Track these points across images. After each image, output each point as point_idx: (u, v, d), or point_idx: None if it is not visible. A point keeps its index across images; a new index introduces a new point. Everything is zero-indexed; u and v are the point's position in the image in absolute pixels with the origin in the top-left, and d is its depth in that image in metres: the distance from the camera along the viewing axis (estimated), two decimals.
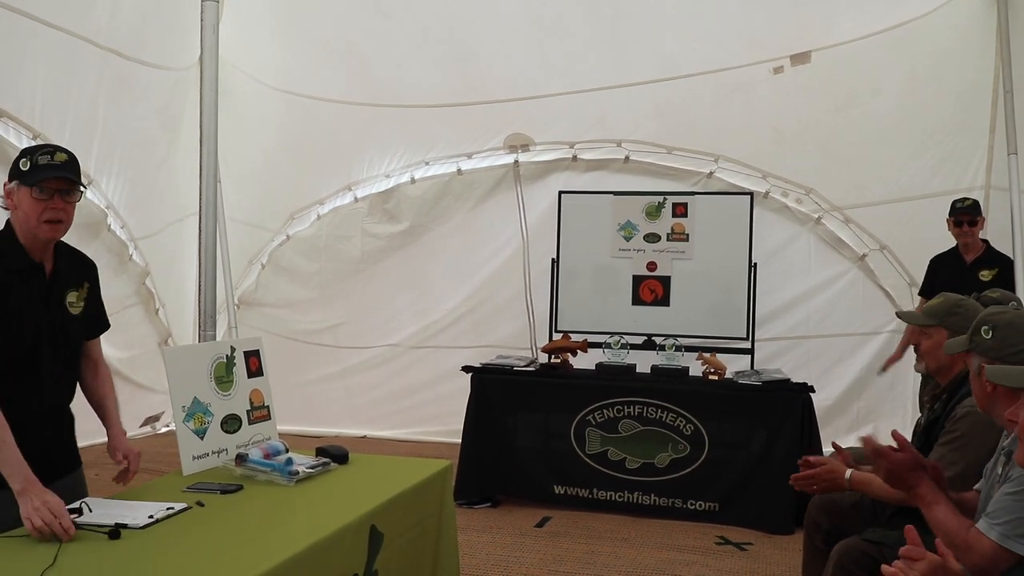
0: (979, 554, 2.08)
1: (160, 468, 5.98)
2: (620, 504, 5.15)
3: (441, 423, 6.82)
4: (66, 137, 5.85)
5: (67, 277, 2.66)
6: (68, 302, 2.62)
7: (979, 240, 4.97)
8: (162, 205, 6.95)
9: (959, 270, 4.91)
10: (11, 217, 2.49)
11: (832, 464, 2.80)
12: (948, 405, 2.77)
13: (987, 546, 2.07)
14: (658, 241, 5.67)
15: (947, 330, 2.81)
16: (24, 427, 2.34)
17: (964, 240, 4.95)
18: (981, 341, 2.30)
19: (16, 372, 2.44)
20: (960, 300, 2.86)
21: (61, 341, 2.59)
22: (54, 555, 2.01)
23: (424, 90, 6.53)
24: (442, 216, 7.02)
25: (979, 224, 4.94)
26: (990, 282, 4.61)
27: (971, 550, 2.09)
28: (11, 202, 2.46)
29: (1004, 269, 4.83)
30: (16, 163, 2.44)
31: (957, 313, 2.79)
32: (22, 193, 2.43)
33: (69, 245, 2.75)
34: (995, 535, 2.07)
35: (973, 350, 2.34)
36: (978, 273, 4.80)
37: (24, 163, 2.43)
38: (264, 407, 3.22)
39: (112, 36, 5.76)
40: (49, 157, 2.43)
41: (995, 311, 2.34)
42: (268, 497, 2.65)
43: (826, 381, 6.11)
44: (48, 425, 2.63)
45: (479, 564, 4.26)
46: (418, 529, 2.91)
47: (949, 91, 5.83)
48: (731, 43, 5.95)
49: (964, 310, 2.78)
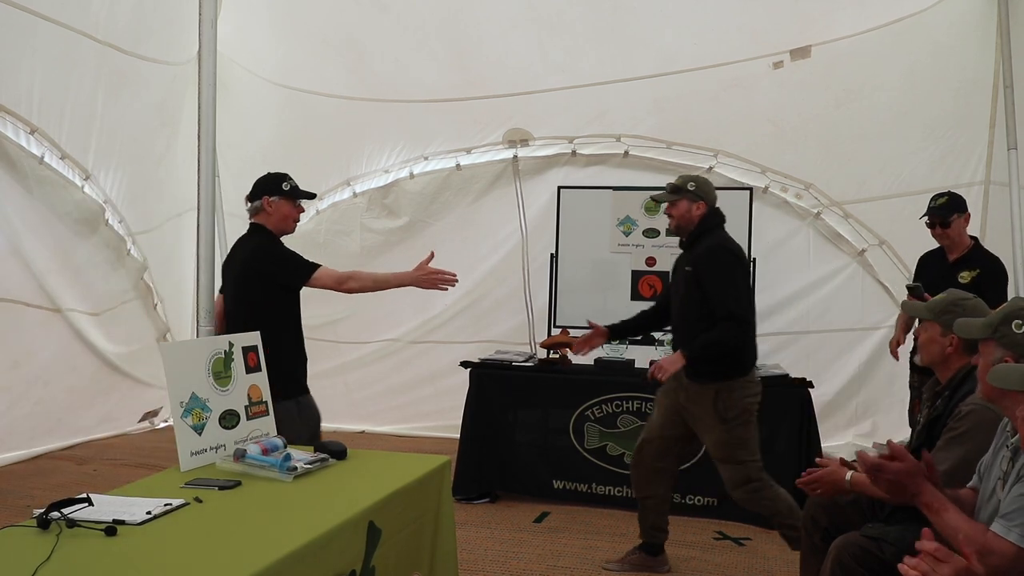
0: (999, 557, 2.04)
1: (158, 464, 5.98)
2: (619, 499, 5.15)
3: (440, 418, 6.82)
4: (64, 132, 5.85)
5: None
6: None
7: (965, 238, 4.62)
8: (160, 200, 6.94)
9: (941, 270, 4.60)
10: (263, 220, 3.73)
11: (834, 467, 2.80)
12: (951, 402, 2.77)
13: (1007, 549, 2.04)
14: (657, 236, 5.66)
15: (940, 326, 2.82)
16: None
17: (940, 242, 4.66)
18: (1010, 334, 2.25)
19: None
20: (961, 298, 2.86)
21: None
22: (49, 551, 2.00)
23: (423, 85, 6.52)
24: (441, 211, 7.00)
25: (954, 225, 4.56)
26: (967, 284, 4.29)
27: (991, 553, 2.04)
28: (270, 209, 3.71)
29: (985, 271, 4.49)
30: (279, 184, 3.74)
31: (952, 311, 2.79)
32: (282, 204, 3.72)
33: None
34: (1015, 537, 2.03)
35: (998, 341, 2.28)
36: (958, 274, 4.47)
37: (286, 185, 3.74)
38: (262, 403, 3.21)
39: (110, 30, 5.75)
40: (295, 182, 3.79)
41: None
42: (266, 493, 2.64)
43: (825, 376, 6.10)
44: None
45: (477, 559, 4.27)
46: (416, 525, 2.90)
47: (949, 86, 5.82)
48: (731, 38, 5.94)
49: (962, 309, 2.78)
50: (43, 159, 5.78)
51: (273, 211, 3.71)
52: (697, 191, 3.93)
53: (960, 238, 4.60)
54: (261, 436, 3.09)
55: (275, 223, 3.73)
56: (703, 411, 3.84)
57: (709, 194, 3.97)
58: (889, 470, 2.27)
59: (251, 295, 3.66)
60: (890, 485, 2.29)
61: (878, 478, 2.32)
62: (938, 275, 4.48)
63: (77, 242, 6.28)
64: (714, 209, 3.98)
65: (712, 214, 3.96)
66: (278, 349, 3.45)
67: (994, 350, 2.29)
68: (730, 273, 3.80)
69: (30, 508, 2.37)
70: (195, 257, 4.15)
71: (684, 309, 3.92)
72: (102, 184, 6.30)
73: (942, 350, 2.83)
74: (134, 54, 6.01)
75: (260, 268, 3.65)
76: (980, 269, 4.46)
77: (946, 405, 2.79)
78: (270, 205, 3.71)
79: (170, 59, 6.35)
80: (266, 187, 3.74)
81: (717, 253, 3.82)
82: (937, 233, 4.62)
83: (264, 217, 3.73)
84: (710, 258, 3.81)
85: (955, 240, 4.59)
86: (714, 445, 3.88)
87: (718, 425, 3.81)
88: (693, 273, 3.83)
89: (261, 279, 3.64)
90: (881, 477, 2.30)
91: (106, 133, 6.15)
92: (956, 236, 4.58)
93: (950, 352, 2.81)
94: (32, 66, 5.47)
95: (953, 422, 2.68)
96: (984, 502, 2.33)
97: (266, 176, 3.81)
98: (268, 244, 3.70)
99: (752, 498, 3.89)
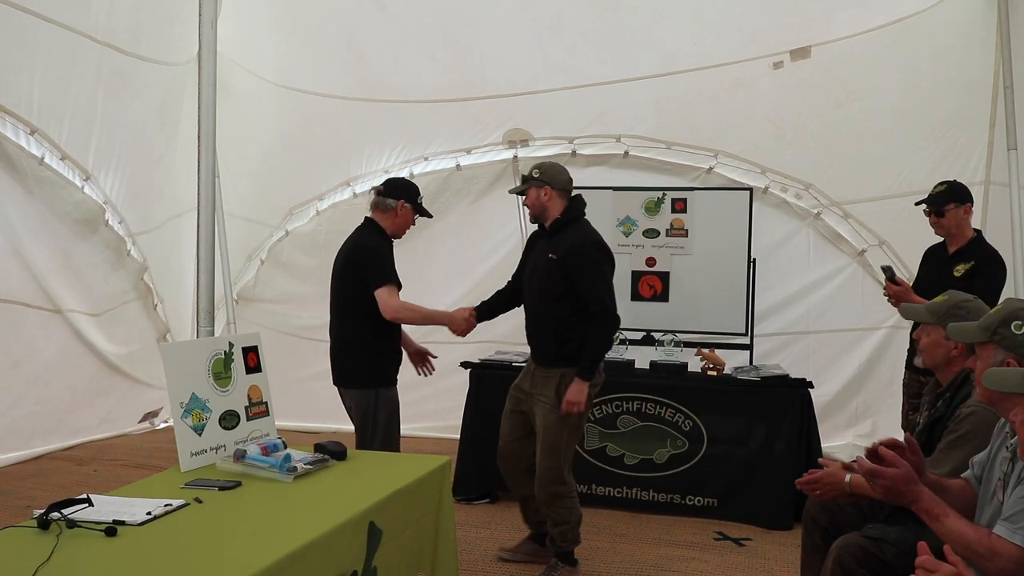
0: (1005, 559, 2.04)
1: (158, 464, 5.98)
2: (619, 500, 5.15)
3: (440, 419, 6.81)
4: (64, 132, 5.85)
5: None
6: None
7: (966, 230, 4.39)
8: (160, 200, 6.94)
9: (939, 263, 4.43)
10: (382, 219, 4.07)
11: (833, 469, 2.80)
12: (952, 404, 2.76)
13: (1013, 551, 2.03)
14: (657, 236, 5.66)
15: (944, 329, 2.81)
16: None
17: (936, 231, 4.48)
18: (1010, 335, 2.24)
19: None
20: (963, 300, 2.85)
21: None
22: (49, 552, 2.00)
23: (423, 85, 6.52)
24: (441, 212, 6.98)
25: (949, 215, 4.34)
26: (961, 277, 4.21)
27: (997, 556, 2.04)
28: (400, 212, 4.05)
29: (980, 263, 4.27)
30: (415, 196, 4.10)
31: (956, 315, 2.78)
32: (407, 211, 4.06)
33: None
34: (1020, 539, 2.03)
35: (998, 343, 2.28)
36: (954, 267, 4.30)
37: (420, 199, 4.12)
38: (262, 403, 3.21)
39: (110, 31, 5.75)
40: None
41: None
42: (266, 493, 2.64)
43: (825, 377, 6.10)
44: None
45: (478, 560, 4.26)
46: (417, 525, 2.90)
47: (949, 86, 5.81)
48: (731, 38, 5.93)
49: (966, 311, 2.77)
50: (43, 160, 5.78)
51: (400, 215, 4.06)
52: (542, 177, 3.97)
53: (959, 229, 4.36)
54: (261, 436, 3.10)
55: (395, 226, 4.08)
56: (547, 394, 3.90)
57: (555, 178, 3.98)
58: (885, 475, 2.27)
59: (347, 281, 4.01)
60: (887, 491, 2.29)
61: (875, 484, 2.31)
62: (936, 268, 4.41)
63: (77, 243, 6.27)
64: (573, 198, 4.02)
65: (572, 205, 3.99)
66: (360, 337, 3.94)
67: (994, 353, 2.28)
68: (600, 268, 3.90)
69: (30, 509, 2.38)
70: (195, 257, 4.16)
71: (541, 295, 3.99)
72: (102, 184, 6.29)
73: (947, 353, 2.83)
74: (134, 54, 6.00)
75: (356, 257, 3.99)
76: (975, 261, 4.26)
77: (947, 407, 2.79)
78: (402, 209, 4.04)
79: (170, 59, 6.34)
80: (407, 192, 4.08)
81: (586, 248, 3.88)
82: (933, 221, 4.43)
83: (388, 217, 4.06)
84: (580, 253, 3.87)
85: (951, 231, 4.37)
86: (545, 429, 3.91)
87: (556, 408, 3.85)
88: (558, 263, 3.88)
89: (354, 268, 3.97)
90: (878, 483, 2.29)
91: (106, 133, 6.14)
92: (952, 226, 4.35)
93: (955, 355, 2.80)
94: (32, 66, 5.47)
95: (954, 424, 2.67)
96: (985, 504, 2.32)
97: (407, 183, 4.20)
98: (373, 240, 4.02)
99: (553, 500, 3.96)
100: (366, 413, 3.96)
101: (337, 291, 4.07)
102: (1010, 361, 2.21)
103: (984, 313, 2.64)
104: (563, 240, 3.91)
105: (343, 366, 4.02)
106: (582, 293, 3.85)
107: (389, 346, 4.05)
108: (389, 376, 4.06)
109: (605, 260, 3.95)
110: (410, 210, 4.08)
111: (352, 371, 3.99)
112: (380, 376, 4.00)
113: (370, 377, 3.96)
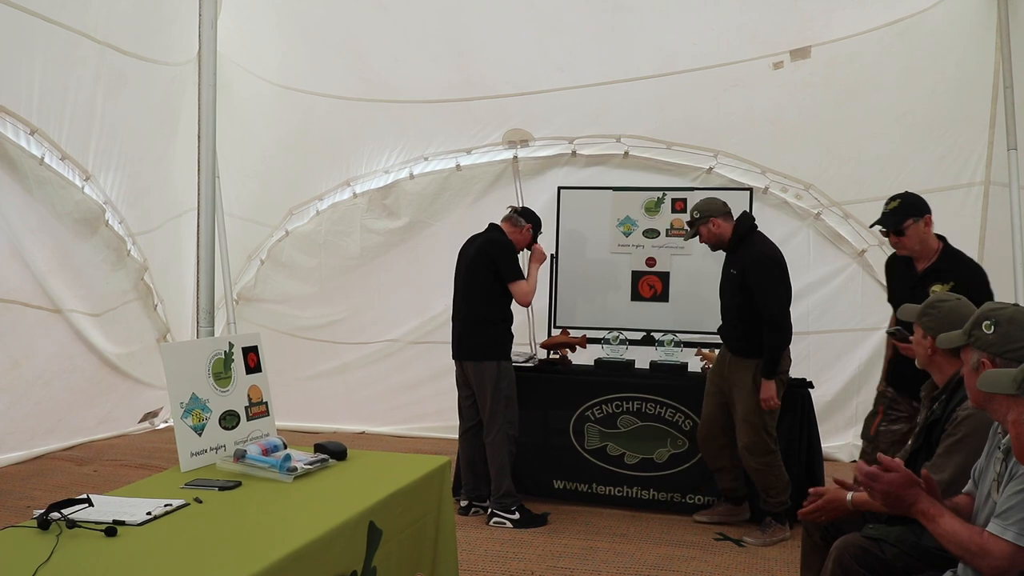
0: (997, 556, 2.05)
1: (158, 464, 5.99)
2: (619, 499, 5.15)
3: (440, 419, 6.82)
4: (64, 132, 5.86)
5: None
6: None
7: (930, 243, 3.91)
8: (160, 201, 6.94)
9: (910, 281, 3.96)
10: (509, 230, 4.93)
11: (833, 493, 2.81)
12: (948, 407, 2.76)
13: (1004, 548, 2.05)
14: (657, 237, 5.66)
15: (920, 327, 2.83)
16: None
17: (899, 252, 4.02)
18: (982, 336, 2.26)
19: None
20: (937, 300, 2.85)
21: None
22: (49, 552, 2.00)
23: (423, 85, 6.52)
24: (441, 212, 7.01)
25: (910, 232, 3.88)
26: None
27: (988, 554, 2.06)
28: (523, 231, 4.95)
29: (961, 282, 3.69)
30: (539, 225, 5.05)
31: (929, 314, 2.81)
32: (529, 234, 4.98)
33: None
34: (1011, 535, 2.04)
35: (972, 345, 2.29)
36: (928, 288, 3.77)
37: (540, 232, 5.06)
38: (262, 403, 3.21)
39: (110, 31, 5.75)
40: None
41: (996, 306, 2.30)
42: (266, 493, 2.64)
43: (825, 377, 6.11)
44: None
45: (477, 560, 4.26)
46: (417, 525, 2.90)
47: (949, 86, 5.82)
48: (731, 38, 5.93)
49: (936, 310, 2.80)
50: (43, 160, 5.78)
51: (524, 234, 4.97)
52: (704, 214, 4.63)
53: (923, 245, 3.90)
54: (261, 437, 3.10)
55: (517, 240, 4.94)
56: (745, 380, 4.53)
57: (714, 210, 4.62)
58: (883, 480, 2.28)
59: (479, 270, 4.80)
60: (885, 496, 2.29)
61: (873, 489, 2.32)
62: (907, 287, 3.94)
63: (77, 243, 6.27)
64: (741, 217, 4.65)
65: (739, 223, 4.62)
66: (490, 317, 4.79)
67: (971, 354, 2.30)
68: (772, 281, 4.47)
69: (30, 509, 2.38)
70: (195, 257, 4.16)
71: (729, 299, 4.66)
72: (102, 185, 6.29)
73: (924, 351, 2.85)
74: (134, 54, 6.01)
75: (490, 250, 4.81)
76: (954, 282, 3.73)
77: (944, 408, 2.79)
78: (527, 231, 4.97)
79: (170, 59, 6.35)
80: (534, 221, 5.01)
81: (759, 263, 4.49)
82: (893, 242, 3.98)
83: (515, 231, 4.94)
84: (754, 269, 4.47)
85: (915, 248, 3.91)
86: (746, 411, 4.52)
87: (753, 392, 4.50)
88: (737, 276, 4.53)
89: (487, 258, 4.78)
90: (876, 488, 2.30)
91: (106, 133, 6.15)
92: (915, 244, 3.90)
93: (931, 354, 2.82)
94: (32, 66, 5.47)
95: (951, 427, 2.67)
96: (981, 506, 2.32)
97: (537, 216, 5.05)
98: (505, 238, 4.88)
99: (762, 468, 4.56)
100: (495, 382, 4.73)
101: (467, 278, 4.87)
102: (984, 361, 2.22)
103: (960, 311, 2.66)
104: (740, 257, 4.56)
105: (473, 341, 4.80)
106: (757, 303, 4.44)
107: (510, 326, 4.86)
108: (509, 352, 4.86)
109: (777, 271, 4.49)
110: (531, 235, 4.96)
111: (482, 345, 4.77)
112: (505, 350, 4.82)
113: (499, 350, 4.78)
